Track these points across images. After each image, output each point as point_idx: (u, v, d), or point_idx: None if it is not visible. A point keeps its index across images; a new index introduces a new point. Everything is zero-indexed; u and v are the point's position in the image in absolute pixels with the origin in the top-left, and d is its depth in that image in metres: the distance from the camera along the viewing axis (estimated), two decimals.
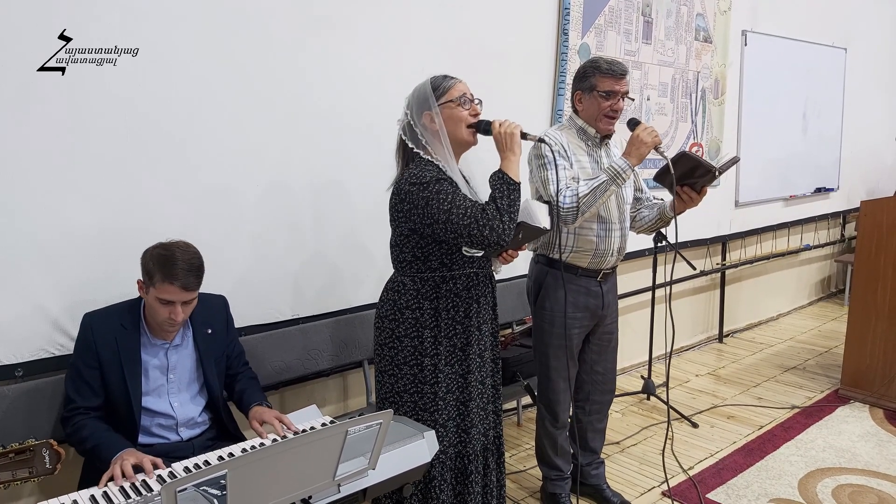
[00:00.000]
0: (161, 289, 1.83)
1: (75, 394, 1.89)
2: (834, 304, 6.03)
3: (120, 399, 1.90)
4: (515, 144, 1.95)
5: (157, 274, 1.83)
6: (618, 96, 2.34)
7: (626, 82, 2.36)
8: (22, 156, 1.99)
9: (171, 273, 1.82)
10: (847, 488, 2.84)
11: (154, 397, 1.95)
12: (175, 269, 1.82)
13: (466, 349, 2.07)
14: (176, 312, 1.86)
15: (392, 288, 2.08)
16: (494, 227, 1.86)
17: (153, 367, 1.95)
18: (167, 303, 1.85)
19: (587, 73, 2.37)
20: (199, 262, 1.89)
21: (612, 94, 2.33)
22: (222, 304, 2.15)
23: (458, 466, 2.12)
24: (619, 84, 2.34)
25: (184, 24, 2.24)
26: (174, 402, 1.98)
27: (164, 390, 1.97)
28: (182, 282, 1.83)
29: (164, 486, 1.29)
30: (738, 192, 4.77)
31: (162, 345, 1.96)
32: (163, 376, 1.96)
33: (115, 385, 1.90)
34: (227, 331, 2.13)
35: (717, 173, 2.28)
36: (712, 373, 4.30)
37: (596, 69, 2.35)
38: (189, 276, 1.84)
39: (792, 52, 5.09)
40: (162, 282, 1.82)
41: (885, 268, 3.62)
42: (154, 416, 1.95)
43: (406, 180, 1.95)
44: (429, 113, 1.97)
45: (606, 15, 3.66)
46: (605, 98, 2.33)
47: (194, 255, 1.89)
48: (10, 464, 1.60)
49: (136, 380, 1.91)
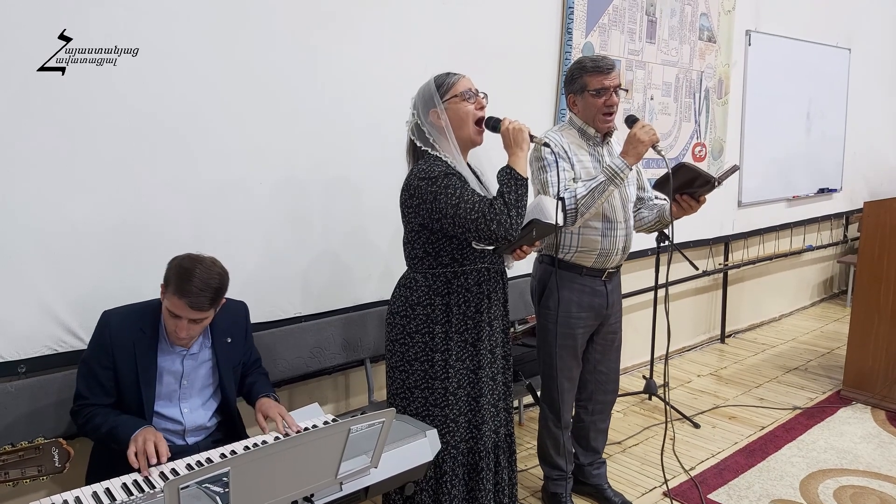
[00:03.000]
0: (172, 300, 1.80)
1: (87, 391, 1.87)
2: (836, 305, 6.02)
3: (132, 402, 1.89)
4: (523, 141, 1.96)
5: (172, 284, 1.81)
6: (609, 91, 2.33)
7: (615, 75, 2.35)
8: (23, 155, 1.99)
9: (183, 288, 1.78)
10: (849, 489, 2.84)
11: (165, 402, 1.94)
12: (189, 286, 1.78)
13: (477, 345, 2.08)
14: (181, 328, 1.82)
15: (404, 284, 2.10)
16: (502, 222, 1.87)
17: (168, 372, 1.93)
18: (174, 316, 1.82)
19: (574, 75, 2.39)
20: (218, 284, 1.83)
21: (603, 90, 2.32)
22: (243, 313, 2.11)
23: (469, 462, 2.13)
24: (608, 78, 2.33)
25: (184, 23, 2.24)
26: (184, 408, 1.96)
27: (176, 396, 1.95)
28: (192, 300, 1.78)
29: (167, 483, 1.29)
30: (740, 193, 4.77)
31: (179, 351, 1.93)
32: (175, 382, 1.94)
33: (128, 388, 1.88)
34: (246, 338, 2.11)
35: (716, 183, 2.28)
36: (714, 373, 4.29)
37: (582, 69, 2.36)
38: (201, 297, 1.79)
39: (796, 53, 5.08)
40: (173, 294, 1.79)
41: (888, 269, 3.62)
42: (163, 420, 1.94)
43: (415, 175, 1.98)
44: (434, 111, 1.99)
45: (610, 14, 3.66)
46: (598, 95, 2.33)
47: (216, 276, 1.84)
48: (19, 462, 1.60)
49: (149, 385, 1.89)
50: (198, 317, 1.83)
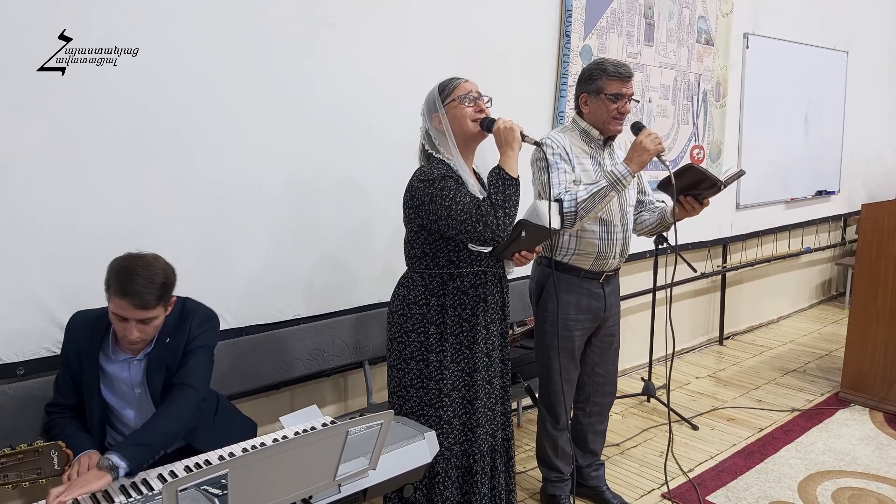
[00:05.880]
0: (115, 302, 1.71)
1: (56, 390, 1.87)
2: (834, 307, 6.03)
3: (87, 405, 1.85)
4: (514, 140, 1.97)
5: (112, 286, 1.72)
6: (625, 99, 2.33)
7: (632, 84, 2.36)
8: (23, 156, 1.99)
9: (125, 288, 1.69)
10: (847, 491, 2.84)
11: (126, 409, 1.88)
12: (129, 285, 1.69)
13: (473, 347, 2.09)
14: (129, 330, 1.73)
15: (403, 284, 2.13)
16: (488, 223, 1.89)
17: (120, 380, 1.86)
18: (121, 319, 1.73)
19: (593, 75, 2.36)
20: (161, 280, 1.74)
21: (619, 96, 2.32)
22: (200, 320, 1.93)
23: (464, 465, 2.13)
24: (626, 86, 2.33)
25: (184, 23, 2.24)
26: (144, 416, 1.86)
27: (134, 404, 1.88)
28: (134, 299, 1.69)
29: (165, 485, 1.29)
30: (739, 195, 4.77)
31: (126, 358, 1.85)
32: (130, 390, 1.87)
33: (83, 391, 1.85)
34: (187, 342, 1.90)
35: (721, 186, 2.28)
36: (712, 375, 4.29)
37: (602, 71, 2.34)
38: (144, 294, 1.69)
39: (794, 55, 5.09)
40: (116, 295, 1.70)
41: (885, 271, 3.62)
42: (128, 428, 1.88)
43: (416, 177, 2.02)
44: (437, 115, 2.03)
45: (608, 17, 3.67)
46: (613, 101, 2.33)
47: (158, 271, 1.74)
48: (18, 464, 1.60)
49: (91, 391, 1.82)
50: (144, 316, 1.73)
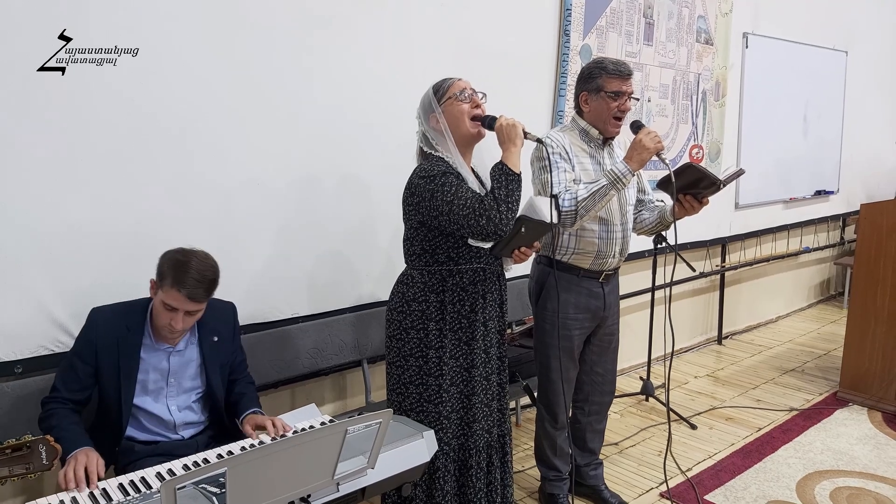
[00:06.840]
0: (168, 293, 1.83)
1: (61, 383, 1.89)
2: (833, 306, 6.04)
3: (112, 398, 1.90)
4: (517, 136, 1.98)
5: (168, 277, 1.83)
6: (625, 97, 2.33)
7: (632, 82, 2.36)
8: (22, 155, 1.99)
9: (180, 280, 1.81)
10: (845, 491, 2.85)
11: (152, 399, 1.95)
12: (186, 277, 1.81)
13: (471, 343, 2.10)
14: (177, 320, 1.85)
15: (402, 281, 2.14)
16: (491, 217, 1.89)
17: (154, 369, 1.94)
18: (171, 309, 1.84)
19: (593, 73, 2.36)
20: (212, 276, 1.87)
21: (619, 94, 2.33)
22: (231, 312, 2.13)
23: (460, 459, 2.15)
24: (626, 84, 2.34)
25: (184, 23, 2.24)
26: (171, 405, 1.98)
27: (164, 394, 1.97)
28: (189, 291, 1.81)
29: (163, 483, 1.29)
30: (738, 195, 4.78)
31: (165, 349, 1.95)
32: (162, 380, 1.96)
33: (109, 383, 1.89)
34: (233, 339, 2.12)
35: (720, 186, 2.28)
36: (711, 374, 4.30)
37: (602, 70, 2.34)
38: (198, 288, 1.83)
39: (793, 55, 5.09)
40: (171, 287, 1.82)
41: (884, 271, 3.63)
42: (150, 417, 1.95)
43: (416, 174, 2.03)
44: (433, 115, 2.04)
45: (608, 16, 3.67)
46: (613, 99, 2.33)
47: (210, 267, 1.88)
48: (6, 460, 1.60)
49: (130, 381, 1.90)
50: (194, 308, 1.86)
